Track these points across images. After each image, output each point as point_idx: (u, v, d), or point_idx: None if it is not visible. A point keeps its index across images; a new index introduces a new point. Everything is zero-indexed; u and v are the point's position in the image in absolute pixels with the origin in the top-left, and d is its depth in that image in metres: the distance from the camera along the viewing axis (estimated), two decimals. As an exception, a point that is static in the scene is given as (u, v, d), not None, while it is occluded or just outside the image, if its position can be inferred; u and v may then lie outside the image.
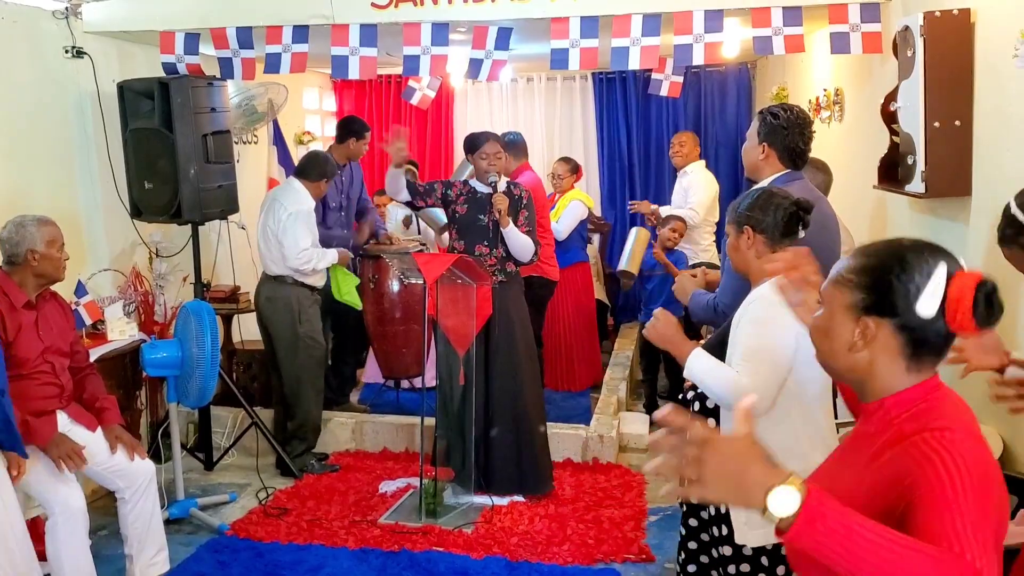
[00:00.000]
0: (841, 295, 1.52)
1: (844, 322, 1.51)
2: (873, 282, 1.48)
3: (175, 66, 4.84)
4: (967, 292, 1.41)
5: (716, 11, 4.28)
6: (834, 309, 1.53)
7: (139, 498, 3.70)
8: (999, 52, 3.10)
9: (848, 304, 1.50)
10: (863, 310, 1.48)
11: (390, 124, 8.54)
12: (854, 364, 1.51)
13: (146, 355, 4.25)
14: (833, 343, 1.53)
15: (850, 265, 1.52)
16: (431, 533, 4.27)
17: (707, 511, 2.81)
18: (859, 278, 1.50)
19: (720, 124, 8.06)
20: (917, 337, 1.46)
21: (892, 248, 1.51)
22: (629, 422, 5.57)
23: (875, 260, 1.50)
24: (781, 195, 2.61)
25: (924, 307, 1.43)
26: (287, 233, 4.93)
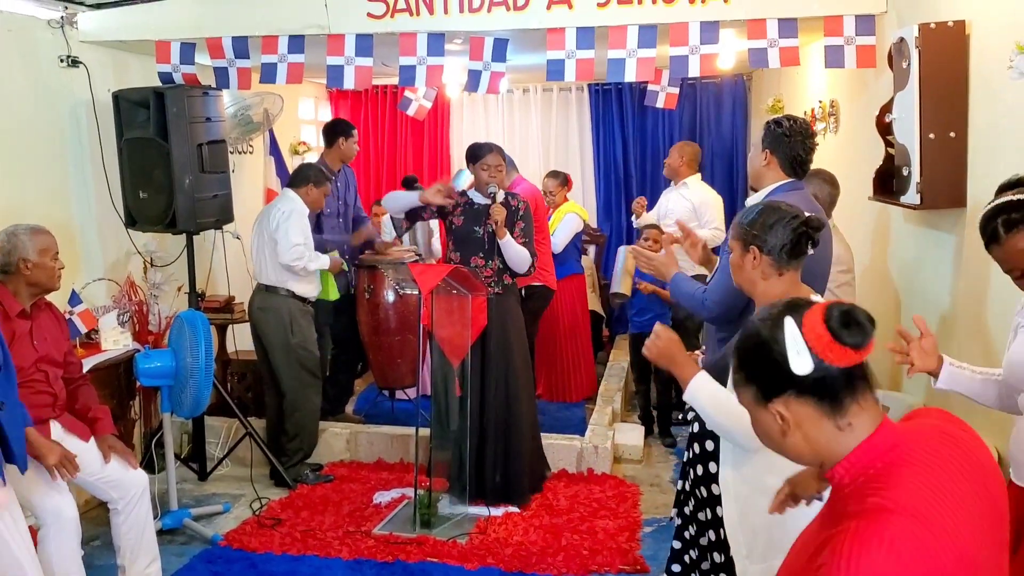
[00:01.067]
0: (744, 396, 1.53)
1: (765, 417, 1.50)
2: (751, 373, 1.49)
3: (171, 75, 4.85)
4: (819, 328, 1.41)
5: (712, 23, 4.30)
6: (751, 411, 1.53)
7: (132, 508, 3.67)
8: (994, 64, 3.11)
9: (753, 401, 1.50)
10: (765, 400, 1.48)
11: (386, 133, 8.57)
12: (797, 448, 1.48)
13: (140, 365, 4.24)
14: (772, 440, 1.51)
15: (732, 366, 1.55)
16: (425, 544, 4.26)
17: (706, 537, 2.78)
18: (742, 375, 1.51)
19: (716, 136, 8.08)
20: (822, 391, 1.43)
21: (747, 333, 1.52)
22: (624, 433, 5.56)
23: (741, 353, 1.52)
24: (789, 212, 2.44)
25: (797, 366, 1.42)
26: (279, 229, 4.93)
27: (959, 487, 1.37)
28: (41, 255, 3.48)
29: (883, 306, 4.35)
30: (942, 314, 3.69)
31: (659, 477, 5.14)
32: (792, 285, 2.42)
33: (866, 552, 1.26)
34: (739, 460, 2.38)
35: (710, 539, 2.70)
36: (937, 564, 1.27)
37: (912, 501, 1.31)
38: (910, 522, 1.28)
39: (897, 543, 1.26)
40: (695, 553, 2.78)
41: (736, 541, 2.44)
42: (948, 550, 1.29)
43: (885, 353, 2.64)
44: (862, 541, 1.27)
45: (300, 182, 5.10)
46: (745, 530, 2.40)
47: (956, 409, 3.56)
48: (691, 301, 3.10)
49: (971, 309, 3.38)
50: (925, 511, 1.30)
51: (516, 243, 4.61)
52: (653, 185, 8.13)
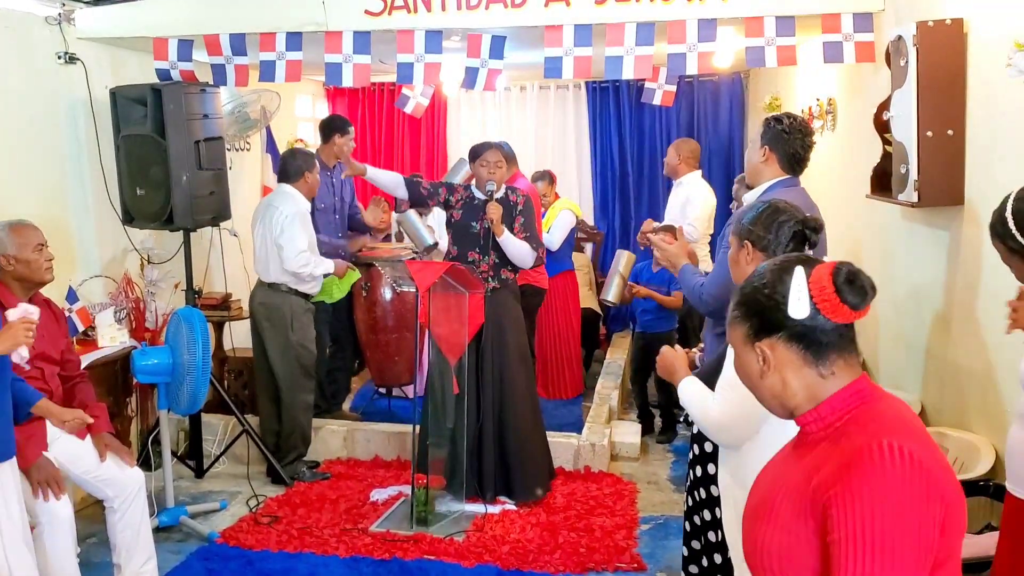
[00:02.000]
0: (735, 333, 1.59)
1: (748, 356, 1.57)
2: (749, 309, 1.56)
3: (168, 72, 4.84)
4: (825, 280, 1.48)
5: (709, 20, 4.29)
6: (737, 349, 1.60)
7: (128, 506, 3.67)
8: (991, 62, 3.11)
9: (742, 338, 1.57)
10: (754, 337, 1.54)
11: (383, 131, 8.56)
12: (773, 390, 1.55)
13: (137, 362, 4.23)
14: (750, 379, 1.58)
15: (732, 303, 1.61)
16: (422, 541, 4.26)
17: (701, 539, 2.79)
18: (739, 311, 1.58)
19: (713, 133, 8.07)
20: (810, 340, 1.50)
21: (757, 274, 1.59)
22: (621, 431, 5.56)
23: (746, 289, 1.58)
24: (788, 212, 2.46)
25: (795, 310, 1.49)
26: (284, 234, 4.90)
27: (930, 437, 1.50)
28: (22, 249, 3.45)
29: (879, 303, 4.35)
30: (938, 311, 3.69)
31: (656, 475, 5.14)
32: None
33: (888, 464, 1.35)
34: (734, 463, 2.40)
35: (709, 540, 2.70)
36: (948, 477, 1.40)
37: (906, 429, 1.43)
38: (916, 441, 1.41)
39: (915, 455, 1.37)
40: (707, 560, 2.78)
41: (735, 548, 2.43)
42: (950, 468, 1.43)
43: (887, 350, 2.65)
44: (873, 462, 1.36)
45: (294, 175, 5.07)
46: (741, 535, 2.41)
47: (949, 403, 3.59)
48: (691, 293, 3.16)
49: (967, 306, 3.38)
50: (920, 437, 1.44)
51: (516, 238, 4.61)
52: (650, 183, 8.14)
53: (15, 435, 3.16)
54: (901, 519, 1.33)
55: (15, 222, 3.53)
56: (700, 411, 2.42)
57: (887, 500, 1.33)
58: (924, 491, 1.35)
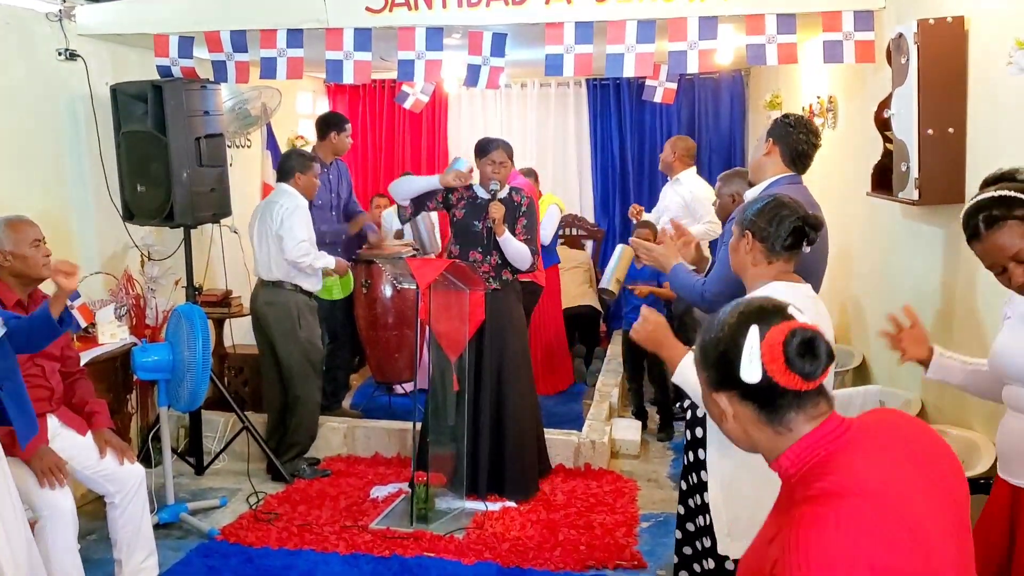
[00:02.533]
0: (699, 374, 1.55)
1: (709, 400, 1.53)
2: (707, 359, 1.51)
3: (169, 69, 4.83)
4: (776, 348, 1.40)
5: (710, 18, 4.29)
6: (702, 388, 1.55)
7: (129, 502, 3.68)
8: (992, 60, 3.11)
9: (704, 382, 1.53)
10: (712, 388, 1.51)
11: (383, 128, 8.56)
12: (735, 434, 1.51)
13: (137, 359, 4.23)
14: (714, 419, 1.55)
15: (698, 344, 1.56)
16: (422, 538, 4.26)
17: (694, 523, 2.80)
18: (702, 357, 1.53)
19: (714, 131, 8.08)
20: (764, 401, 1.44)
21: (714, 324, 1.52)
22: (621, 428, 5.57)
23: (706, 337, 1.52)
24: (791, 207, 2.52)
25: (747, 373, 1.42)
26: (284, 226, 4.91)
27: (905, 468, 1.40)
28: (18, 245, 3.45)
29: (880, 301, 4.35)
30: (939, 309, 3.69)
31: (656, 472, 5.15)
32: (782, 274, 2.52)
33: (817, 537, 1.28)
34: (724, 444, 2.40)
35: (699, 525, 2.73)
36: (889, 539, 1.29)
37: (858, 482, 1.34)
38: (858, 501, 1.31)
39: (847, 523, 1.28)
40: (699, 545, 2.80)
41: (719, 520, 2.53)
42: (899, 524, 1.31)
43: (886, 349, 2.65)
44: (812, 527, 1.29)
45: (286, 174, 5.11)
46: (728, 508, 2.51)
47: (949, 401, 3.59)
48: (690, 292, 3.14)
49: (968, 304, 3.38)
50: (872, 489, 1.33)
51: (516, 240, 4.60)
52: (651, 180, 8.14)
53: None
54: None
55: (12, 218, 3.53)
56: None
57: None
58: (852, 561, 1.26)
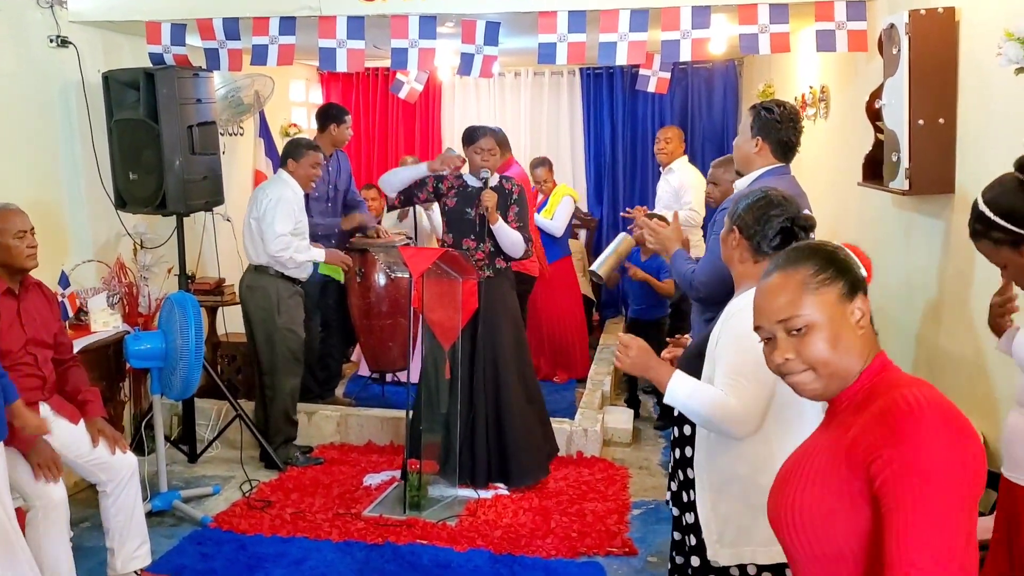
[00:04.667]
0: (828, 294, 1.54)
1: (842, 317, 1.53)
2: (838, 269, 1.56)
3: (161, 56, 4.82)
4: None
5: (703, 7, 4.29)
6: (829, 311, 1.53)
7: (121, 491, 3.67)
8: (983, 50, 3.11)
9: (836, 298, 1.54)
10: (851, 295, 1.55)
11: (377, 116, 8.55)
12: (856, 349, 1.53)
13: (130, 347, 4.23)
14: (840, 341, 1.52)
15: (814, 266, 1.56)
16: (415, 526, 4.28)
17: (684, 519, 2.80)
18: (829, 272, 1.55)
19: (707, 121, 8.08)
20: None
21: (815, 243, 1.66)
22: (614, 416, 5.59)
23: (829, 255, 1.58)
24: (782, 207, 2.43)
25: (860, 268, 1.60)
26: (266, 218, 4.93)
27: None
28: (1, 235, 3.44)
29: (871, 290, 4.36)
30: (930, 299, 3.71)
31: (648, 460, 5.17)
32: None
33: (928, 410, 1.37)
34: (712, 449, 2.41)
35: (687, 521, 2.72)
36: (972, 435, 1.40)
37: (932, 388, 1.45)
38: (942, 399, 1.42)
39: (951, 407, 1.40)
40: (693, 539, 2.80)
41: (708, 528, 2.46)
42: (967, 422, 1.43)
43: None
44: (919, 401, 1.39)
45: (283, 161, 5.15)
46: (717, 517, 2.44)
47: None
48: (683, 280, 3.16)
49: (958, 294, 3.40)
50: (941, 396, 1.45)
51: (509, 227, 4.61)
52: (643, 170, 8.15)
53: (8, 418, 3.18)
54: (947, 464, 1.33)
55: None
56: (710, 406, 2.32)
57: (932, 445, 1.34)
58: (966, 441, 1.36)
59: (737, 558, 2.42)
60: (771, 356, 1.57)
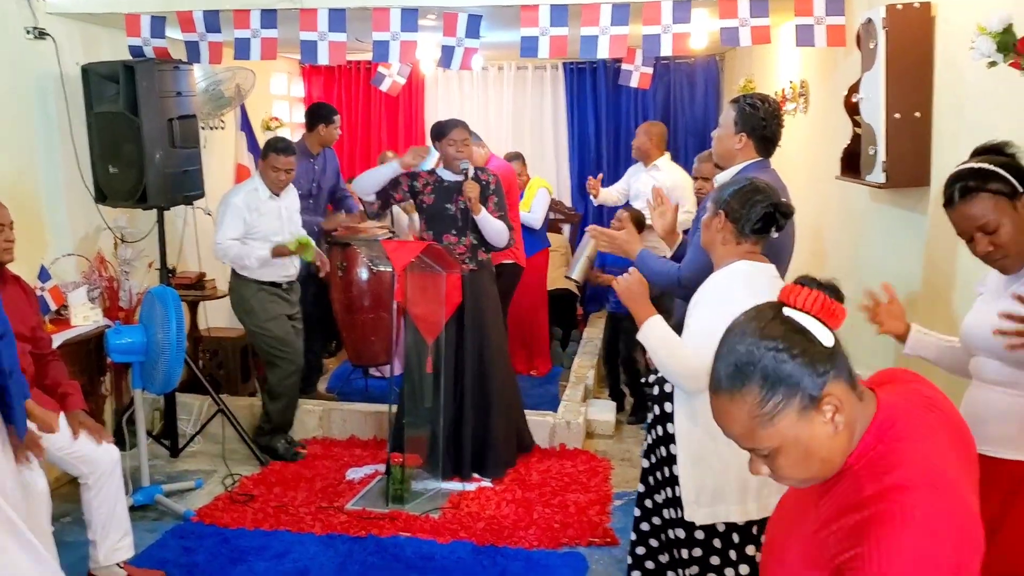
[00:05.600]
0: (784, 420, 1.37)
1: (812, 426, 1.37)
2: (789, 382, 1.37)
3: (141, 49, 4.79)
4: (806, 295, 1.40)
5: (684, 2, 4.32)
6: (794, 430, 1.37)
7: (103, 484, 3.66)
8: (958, 45, 3.15)
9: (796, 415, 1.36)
10: (814, 400, 1.36)
11: (359, 110, 8.54)
12: (840, 445, 1.40)
13: (111, 341, 4.22)
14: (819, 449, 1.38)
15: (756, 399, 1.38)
16: (398, 519, 4.29)
17: (661, 494, 2.85)
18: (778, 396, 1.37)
19: (689, 115, 8.13)
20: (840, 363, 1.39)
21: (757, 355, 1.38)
22: (596, 409, 5.62)
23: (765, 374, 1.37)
24: (766, 193, 2.65)
25: (824, 337, 1.38)
26: (215, 223, 4.99)
27: (952, 450, 1.41)
28: None
29: (850, 283, 4.39)
30: (908, 291, 3.74)
31: (630, 452, 5.20)
32: (748, 254, 2.65)
33: (902, 534, 1.26)
34: (694, 408, 2.60)
35: (666, 496, 2.82)
36: (962, 527, 1.30)
37: (925, 474, 1.32)
38: (931, 494, 1.30)
39: (928, 518, 1.27)
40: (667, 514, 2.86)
41: (687, 487, 2.64)
42: (965, 510, 1.33)
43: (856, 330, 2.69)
44: (895, 523, 1.28)
45: (262, 155, 5.13)
46: (695, 476, 2.62)
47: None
48: (664, 278, 3.16)
49: (936, 286, 3.43)
50: (939, 481, 1.32)
51: (492, 217, 4.62)
52: (627, 164, 8.08)
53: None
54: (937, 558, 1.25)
55: None
56: (667, 354, 2.58)
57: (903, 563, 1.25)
58: (940, 555, 1.26)
59: (712, 517, 2.63)
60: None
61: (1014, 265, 2.21)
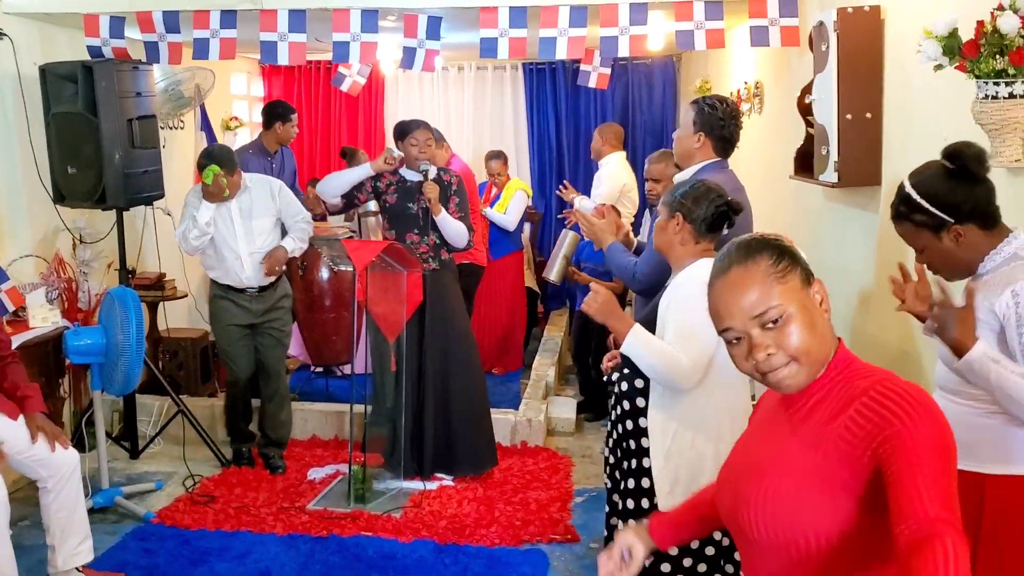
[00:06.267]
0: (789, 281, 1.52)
1: (808, 300, 1.53)
2: (793, 257, 1.55)
3: (100, 49, 4.76)
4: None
5: (641, 4, 4.38)
6: (792, 296, 1.51)
7: (62, 487, 3.63)
8: (906, 47, 3.23)
9: (799, 284, 1.52)
10: (806, 281, 1.54)
11: (319, 110, 8.52)
12: (824, 331, 1.53)
13: (70, 342, 4.20)
14: (816, 327, 1.52)
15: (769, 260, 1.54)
16: (360, 518, 4.30)
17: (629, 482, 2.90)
18: (786, 260, 1.54)
19: (647, 115, 8.23)
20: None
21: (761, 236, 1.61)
22: (557, 406, 5.67)
23: (779, 243, 1.58)
24: (716, 191, 2.75)
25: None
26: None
27: None
28: None
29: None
30: (861, 289, 3.83)
31: (591, 448, 5.26)
32: (705, 254, 2.72)
33: (918, 405, 1.39)
34: (669, 402, 2.68)
35: (631, 486, 2.86)
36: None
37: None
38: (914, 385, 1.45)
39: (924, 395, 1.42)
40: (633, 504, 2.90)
41: (661, 478, 2.69)
42: None
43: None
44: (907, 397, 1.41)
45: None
46: (670, 467, 2.69)
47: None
48: (623, 272, 3.26)
49: (887, 283, 3.49)
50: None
51: (452, 218, 4.64)
52: (586, 163, 8.23)
53: None
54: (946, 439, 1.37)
55: None
56: (657, 360, 2.60)
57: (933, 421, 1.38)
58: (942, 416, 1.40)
59: None
60: (748, 356, 1.52)
61: (951, 279, 2.27)
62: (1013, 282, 2.06)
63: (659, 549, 1.87)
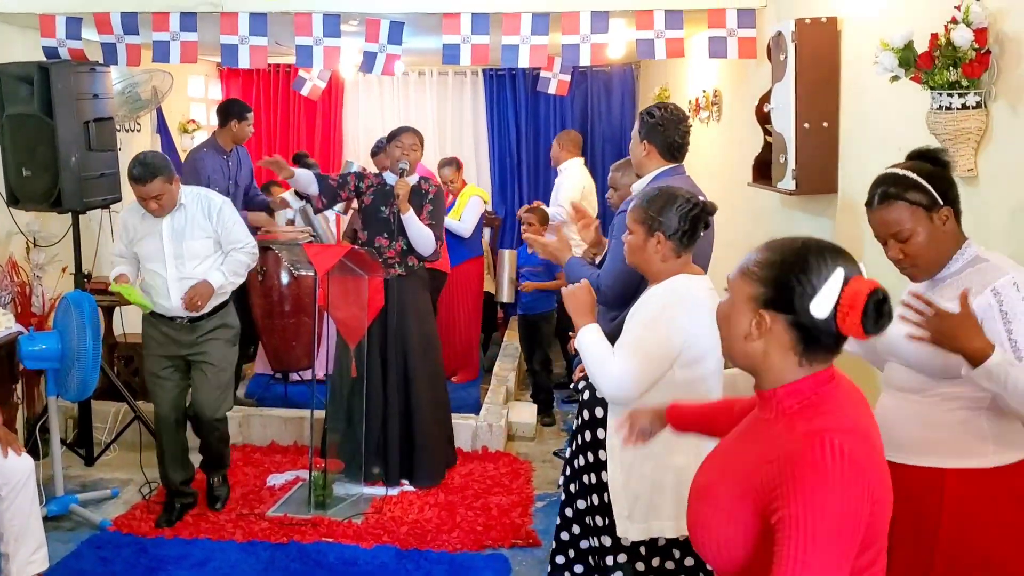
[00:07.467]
0: (744, 285, 1.58)
1: (744, 312, 1.57)
2: (774, 278, 1.54)
3: (56, 50, 4.69)
4: (859, 299, 1.48)
5: (602, 12, 4.42)
6: (736, 298, 1.59)
7: (16, 495, 3.56)
8: (862, 58, 3.31)
9: (749, 295, 1.56)
10: (762, 303, 1.55)
11: (278, 113, 8.47)
12: (749, 352, 1.58)
13: (24, 347, 4.13)
14: (732, 330, 1.59)
15: (757, 258, 1.59)
16: (320, 524, 4.27)
17: (585, 501, 2.91)
18: (762, 272, 1.56)
19: (606, 122, 8.30)
20: (809, 335, 1.53)
21: (796, 247, 1.56)
22: (518, 411, 5.69)
23: (779, 256, 1.56)
24: (684, 196, 2.61)
25: (818, 308, 1.49)
26: None
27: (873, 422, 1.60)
28: None
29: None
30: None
31: (551, 453, 5.28)
32: (685, 266, 2.62)
33: (829, 462, 1.42)
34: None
35: (592, 503, 2.83)
36: (878, 473, 1.49)
37: (853, 422, 1.51)
38: (856, 438, 1.47)
39: (853, 455, 1.43)
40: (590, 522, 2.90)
41: (619, 504, 2.60)
42: (882, 463, 1.53)
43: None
44: (823, 452, 1.42)
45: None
46: (628, 493, 2.58)
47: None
48: None
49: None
50: (863, 430, 1.51)
51: (419, 221, 4.61)
52: (546, 169, 8.27)
53: None
54: (835, 512, 1.39)
55: None
56: (595, 362, 2.50)
57: (824, 495, 1.40)
58: (857, 489, 1.41)
59: (646, 533, 2.58)
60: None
61: (922, 275, 2.23)
62: (990, 282, 2.07)
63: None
